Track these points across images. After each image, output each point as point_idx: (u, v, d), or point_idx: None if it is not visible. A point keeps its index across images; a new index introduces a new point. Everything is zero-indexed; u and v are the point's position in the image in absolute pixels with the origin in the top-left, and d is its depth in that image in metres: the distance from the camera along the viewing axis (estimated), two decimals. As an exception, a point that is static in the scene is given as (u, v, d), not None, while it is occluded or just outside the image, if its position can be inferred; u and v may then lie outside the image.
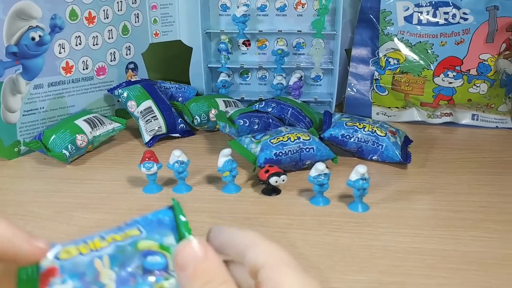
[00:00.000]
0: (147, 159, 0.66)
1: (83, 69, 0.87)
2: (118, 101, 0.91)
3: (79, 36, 0.85)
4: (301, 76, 0.99)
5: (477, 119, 0.93)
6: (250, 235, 0.30)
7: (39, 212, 0.63)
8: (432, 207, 0.65)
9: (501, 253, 0.54)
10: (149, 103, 0.86)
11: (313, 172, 0.64)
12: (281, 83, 0.98)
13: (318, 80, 1.02)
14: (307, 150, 0.72)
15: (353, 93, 0.97)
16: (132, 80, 0.93)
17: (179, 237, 0.31)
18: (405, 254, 0.54)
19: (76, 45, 0.85)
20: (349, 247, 0.55)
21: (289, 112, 0.86)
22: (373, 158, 0.77)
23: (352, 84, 0.97)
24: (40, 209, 0.64)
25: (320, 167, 0.63)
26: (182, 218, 0.32)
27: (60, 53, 0.83)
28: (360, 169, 0.62)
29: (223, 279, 0.27)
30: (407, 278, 0.50)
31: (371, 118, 0.94)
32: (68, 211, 0.63)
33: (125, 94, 0.87)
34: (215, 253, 0.28)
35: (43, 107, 0.82)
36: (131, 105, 0.86)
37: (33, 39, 0.78)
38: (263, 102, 0.88)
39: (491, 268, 0.52)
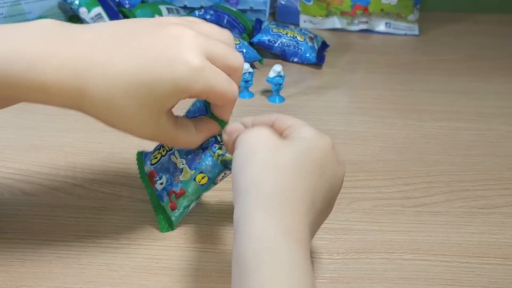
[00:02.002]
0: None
1: (36, -22, 0.95)
2: (71, 8, 1.00)
3: None
4: (238, -14, 1.09)
5: (389, 27, 1.07)
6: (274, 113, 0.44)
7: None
8: (335, 99, 0.80)
9: (380, 133, 0.70)
10: (98, 9, 0.95)
11: (239, 71, 0.77)
12: (220, -8, 1.08)
13: (254, -10, 1.13)
14: (238, 52, 0.85)
15: (283, 2, 1.09)
16: (82, -12, 1.02)
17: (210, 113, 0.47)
18: (306, 133, 0.69)
19: (29, -45, 0.92)
20: (263, 128, 0.70)
21: (225, 20, 0.97)
22: (294, 60, 0.91)
23: (283, -6, 1.09)
24: (9, 102, 0.75)
25: (245, 66, 0.77)
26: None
27: (13, -38, 0.91)
28: (277, 68, 0.75)
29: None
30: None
31: (299, 25, 1.06)
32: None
33: (76, 2, 0.96)
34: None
35: (1, 14, 0.91)
36: (83, 11, 0.95)
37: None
38: (202, 10, 0.99)
39: (370, 143, 0.68)
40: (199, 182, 0.47)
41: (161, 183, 0.49)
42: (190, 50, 0.39)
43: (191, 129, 0.45)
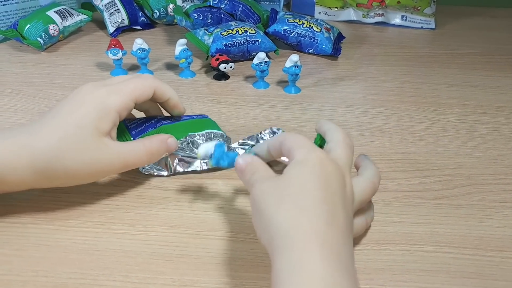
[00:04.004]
0: (113, 46, 0.77)
1: (50, -36, 0.94)
2: (84, -5, 1.00)
3: None
4: (253, -24, 1.08)
5: (405, 20, 1.06)
6: (280, 136, 0.44)
7: (22, 90, 0.74)
8: (351, 90, 0.79)
9: (398, 124, 0.69)
10: (112, -3, 0.95)
11: (255, 60, 0.76)
12: (234, -18, 1.07)
13: (269, -20, 1.12)
14: (253, 42, 0.84)
15: (298, -7, 1.08)
16: (96, -25, 1.01)
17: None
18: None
19: None
20: (279, 118, 0.69)
21: (240, 9, 0.96)
22: (310, 51, 0.90)
23: (298, -15, 1.07)
24: (23, 88, 0.75)
25: (261, 55, 0.76)
26: None
27: None
28: (293, 58, 0.74)
29: (258, 171, 0.42)
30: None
31: (314, 16, 1.05)
32: (47, 89, 0.75)
33: (90, -11, 0.95)
34: (257, 159, 0.44)
35: (15, -2, 0.91)
36: (96, -2, 0.95)
37: None
38: (217, -1, 0.98)
39: (388, 135, 0.67)
40: None
41: None
42: (93, 88, 0.49)
43: (138, 151, 0.50)
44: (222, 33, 0.82)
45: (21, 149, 0.45)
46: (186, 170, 0.56)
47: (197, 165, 0.56)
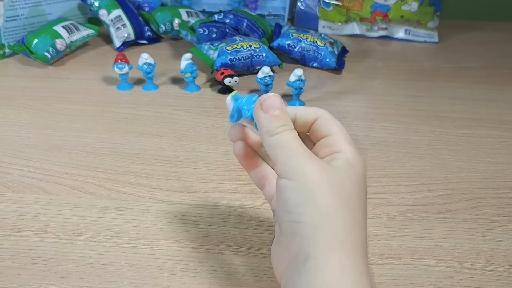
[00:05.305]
0: (119, 60, 0.78)
1: (57, -21, 0.96)
2: (90, 10, 1.01)
3: None
4: (257, -9, 1.09)
5: (409, 34, 1.07)
6: (319, 109, 0.38)
7: (29, 104, 0.75)
8: (355, 104, 0.79)
9: (402, 138, 0.70)
10: (118, 12, 0.96)
11: (260, 74, 0.77)
12: (239, -3, 1.08)
13: (273, -5, 1.13)
14: (258, 56, 0.85)
15: (302, 8, 1.09)
16: (102, -10, 1.02)
17: None
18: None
19: (51, -43, 0.93)
20: (284, 132, 0.70)
21: (244, 24, 0.97)
22: (314, 65, 0.91)
23: (302, -1, 1.08)
24: (30, 102, 0.76)
25: (265, 70, 0.76)
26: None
27: (36, -37, 0.91)
28: (298, 72, 0.75)
29: (292, 127, 0.36)
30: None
31: (318, 31, 1.06)
32: (54, 103, 0.75)
33: (96, 4, 0.97)
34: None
35: (23, 14, 0.92)
36: (103, 13, 0.96)
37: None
38: (222, 14, 0.99)
39: (392, 148, 0.67)
40: None
41: None
42: None
43: None
44: (227, 48, 0.83)
45: None
46: None
47: None
